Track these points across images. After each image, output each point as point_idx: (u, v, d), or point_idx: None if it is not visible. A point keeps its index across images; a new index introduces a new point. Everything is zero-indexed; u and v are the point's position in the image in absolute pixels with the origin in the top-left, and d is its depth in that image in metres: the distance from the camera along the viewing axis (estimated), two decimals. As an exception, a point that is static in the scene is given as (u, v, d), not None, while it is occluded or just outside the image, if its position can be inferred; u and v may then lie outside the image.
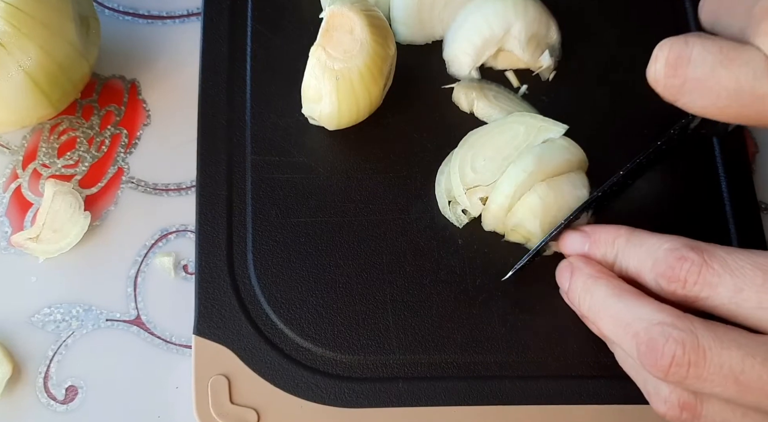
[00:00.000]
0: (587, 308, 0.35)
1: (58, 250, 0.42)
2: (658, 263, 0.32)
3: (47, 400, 0.40)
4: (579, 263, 0.36)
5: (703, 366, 0.30)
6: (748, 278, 0.30)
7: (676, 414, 0.32)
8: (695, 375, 0.30)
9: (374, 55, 0.39)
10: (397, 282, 0.41)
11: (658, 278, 0.32)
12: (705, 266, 0.31)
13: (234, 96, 0.44)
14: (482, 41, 0.43)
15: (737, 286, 0.30)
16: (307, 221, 0.41)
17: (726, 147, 0.44)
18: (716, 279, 0.31)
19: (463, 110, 0.44)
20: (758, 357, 0.29)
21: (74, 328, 0.42)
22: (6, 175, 0.44)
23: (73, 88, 0.43)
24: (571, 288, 0.36)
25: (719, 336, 0.30)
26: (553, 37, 0.45)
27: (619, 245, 0.35)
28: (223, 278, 0.40)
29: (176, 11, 0.48)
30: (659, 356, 0.30)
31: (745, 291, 0.30)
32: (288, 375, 0.39)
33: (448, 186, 0.42)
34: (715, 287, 0.31)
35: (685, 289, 0.31)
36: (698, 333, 0.30)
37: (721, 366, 0.30)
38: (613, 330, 0.33)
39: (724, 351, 0.30)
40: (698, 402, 0.31)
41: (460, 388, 0.39)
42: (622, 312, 0.33)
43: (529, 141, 0.41)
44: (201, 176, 0.42)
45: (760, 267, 0.30)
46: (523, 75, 0.45)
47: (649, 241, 0.34)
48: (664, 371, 0.30)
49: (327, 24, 0.39)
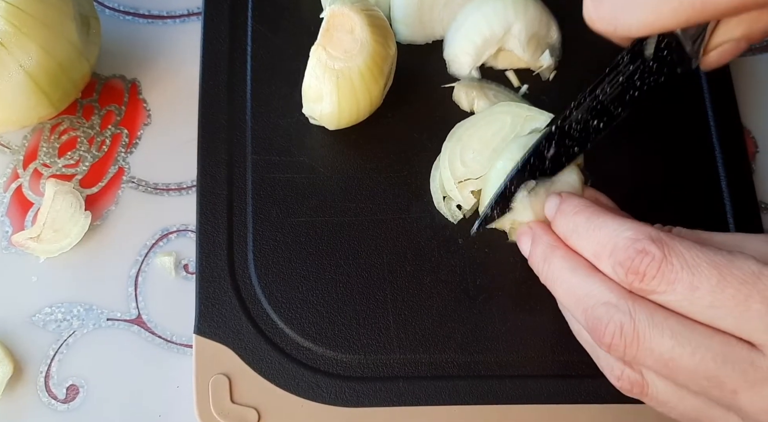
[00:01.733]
0: (545, 278, 0.36)
1: (58, 250, 0.42)
2: (617, 252, 0.32)
3: (48, 399, 0.40)
4: (538, 229, 0.37)
5: (636, 349, 0.31)
6: (704, 277, 0.31)
7: (627, 387, 0.34)
8: (630, 354, 0.32)
9: (375, 55, 0.39)
10: (397, 282, 0.41)
11: (616, 266, 0.32)
12: (665, 261, 0.31)
13: (234, 96, 0.44)
14: (482, 41, 0.43)
15: (693, 284, 0.31)
16: (308, 221, 0.42)
17: (726, 147, 0.45)
18: (674, 276, 0.31)
19: (463, 109, 0.44)
20: (688, 346, 0.30)
21: (75, 327, 0.42)
22: (7, 175, 0.44)
23: (74, 88, 0.43)
24: (532, 255, 0.37)
25: (656, 322, 0.31)
26: (554, 36, 0.45)
27: (578, 222, 0.35)
28: (224, 277, 0.40)
29: (177, 11, 0.48)
30: (601, 334, 0.32)
31: (699, 290, 0.30)
32: (288, 374, 0.39)
33: (441, 181, 0.42)
34: (672, 283, 0.31)
35: (642, 282, 0.32)
36: (636, 317, 0.31)
37: (652, 350, 0.31)
38: (567, 302, 0.35)
39: (656, 339, 0.31)
40: (644, 381, 0.33)
41: (460, 387, 0.39)
42: (575, 287, 0.34)
43: (516, 131, 0.40)
44: (201, 176, 0.42)
45: (716, 267, 0.31)
46: (524, 75, 0.45)
47: (610, 225, 0.33)
48: (607, 347, 0.32)
49: (327, 24, 0.39)
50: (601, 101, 0.37)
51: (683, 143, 0.45)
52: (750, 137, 0.47)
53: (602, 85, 0.37)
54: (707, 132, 0.45)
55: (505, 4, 0.43)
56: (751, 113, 0.48)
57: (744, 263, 0.31)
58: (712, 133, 0.45)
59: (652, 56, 0.37)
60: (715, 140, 0.45)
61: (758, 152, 0.47)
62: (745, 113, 0.47)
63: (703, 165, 0.44)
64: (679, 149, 0.44)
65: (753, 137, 0.47)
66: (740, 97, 0.47)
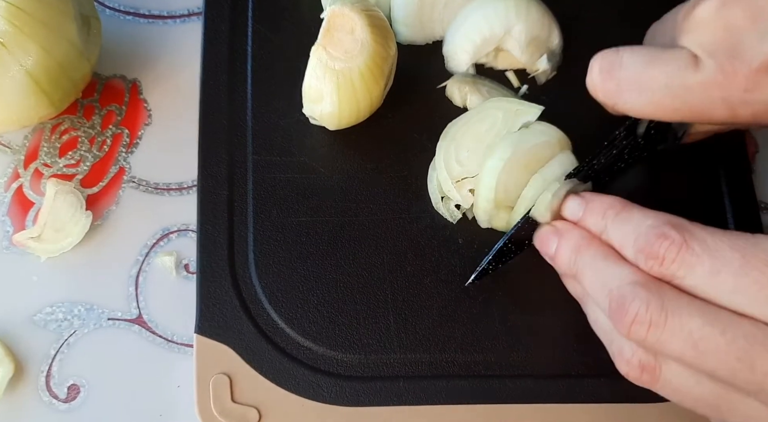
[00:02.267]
0: (574, 267, 0.36)
1: (59, 249, 0.42)
2: (639, 239, 0.33)
3: (49, 399, 0.40)
4: (566, 225, 0.37)
5: (663, 328, 0.31)
6: (726, 261, 0.30)
7: (636, 374, 0.33)
8: (654, 335, 0.31)
9: (375, 56, 0.39)
10: (397, 281, 0.41)
11: (638, 253, 0.33)
12: (685, 245, 0.31)
13: (235, 96, 0.44)
14: (482, 40, 0.43)
15: (715, 268, 0.31)
16: (308, 221, 0.42)
17: (726, 147, 0.45)
18: (694, 259, 0.31)
19: (456, 105, 0.44)
20: (718, 326, 0.30)
21: (76, 327, 0.42)
22: (7, 174, 0.44)
23: (74, 88, 0.43)
24: (561, 250, 0.37)
25: (685, 303, 0.31)
26: (555, 41, 0.44)
27: (609, 217, 0.35)
28: (225, 277, 0.40)
29: (177, 11, 0.48)
30: (624, 312, 0.32)
31: (722, 274, 0.30)
32: (289, 373, 0.39)
33: (438, 182, 0.42)
34: (693, 267, 0.31)
35: (662, 267, 0.32)
36: (665, 297, 0.31)
37: (681, 329, 0.30)
38: (593, 286, 0.35)
39: (686, 317, 0.30)
40: (657, 365, 0.32)
41: (460, 387, 0.39)
42: (603, 271, 0.34)
43: (508, 126, 0.41)
44: (202, 176, 0.42)
45: (739, 250, 0.30)
46: (525, 75, 0.45)
47: (636, 216, 0.34)
48: (627, 327, 0.31)
49: (328, 24, 0.39)
50: (596, 170, 0.39)
51: (682, 144, 0.45)
52: (750, 137, 0.47)
53: (599, 157, 0.39)
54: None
55: (507, 5, 0.42)
56: (750, 113, 0.48)
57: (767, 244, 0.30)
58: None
59: (642, 134, 0.39)
60: (715, 141, 0.45)
61: (758, 152, 0.47)
62: (744, 113, 0.47)
63: (702, 165, 0.44)
64: (678, 150, 0.44)
65: (753, 137, 0.47)
66: (740, 98, 0.47)
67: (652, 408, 0.39)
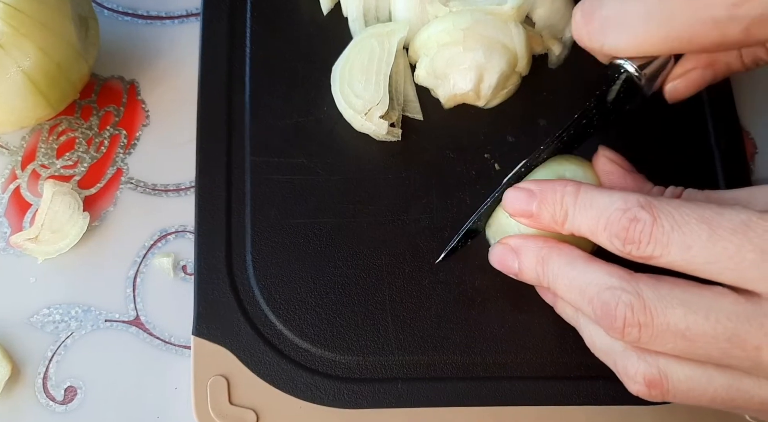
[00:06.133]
0: (545, 280, 0.35)
1: (57, 251, 0.42)
2: (611, 225, 0.32)
3: (46, 401, 0.40)
4: (517, 240, 0.36)
5: (652, 326, 0.31)
6: (695, 234, 0.30)
7: (645, 391, 0.33)
8: (647, 334, 0.31)
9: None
10: (396, 283, 0.41)
11: (613, 239, 0.32)
12: (656, 224, 0.31)
13: (233, 97, 0.44)
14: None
15: (685, 243, 0.31)
16: (306, 222, 0.42)
17: (725, 148, 0.45)
18: (666, 238, 0.31)
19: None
20: (700, 312, 0.30)
21: (73, 329, 0.42)
22: (5, 175, 0.44)
23: (72, 89, 0.43)
24: (524, 266, 0.36)
25: (663, 295, 0.31)
26: (567, 35, 0.45)
27: (568, 205, 0.34)
28: (222, 279, 0.40)
29: (175, 12, 0.48)
30: (613, 319, 0.31)
31: (693, 248, 0.30)
32: (287, 375, 0.39)
33: (351, 120, 0.42)
34: (667, 245, 0.31)
35: (639, 250, 0.32)
36: (644, 295, 0.31)
37: (668, 324, 0.31)
38: (571, 297, 0.34)
39: (668, 310, 0.31)
40: (661, 376, 0.32)
41: (459, 389, 0.39)
42: (576, 279, 0.34)
43: (387, 48, 0.42)
44: (200, 177, 0.42)
45: (705, 221, 0.30)
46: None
47: (599, 200, 0.33)
48: (620, 332, 0.31)
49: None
50: (564, 142, 0.38)
51: (682, 144, 0.45)
52: (749, 139, 0.47)
53: (569, 129, 0.38)
54: (706, 133, 0.45)
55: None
56: (750, 115, 0.48)
57: (733, 213, 0.30)
58: (711, 134, 0.45)
59: (612, 100, 0.38)
60: (714, 142, 0.45)
61: (757, 153, 0.47)
62: (743, 115, 0.47)
63: (702, 166, 0.44)
64: (678, 150, 0.44)
65: (752, 138, 0.47)
66: (739, 99, 0.47)
67: (650, 411, 0.39)
